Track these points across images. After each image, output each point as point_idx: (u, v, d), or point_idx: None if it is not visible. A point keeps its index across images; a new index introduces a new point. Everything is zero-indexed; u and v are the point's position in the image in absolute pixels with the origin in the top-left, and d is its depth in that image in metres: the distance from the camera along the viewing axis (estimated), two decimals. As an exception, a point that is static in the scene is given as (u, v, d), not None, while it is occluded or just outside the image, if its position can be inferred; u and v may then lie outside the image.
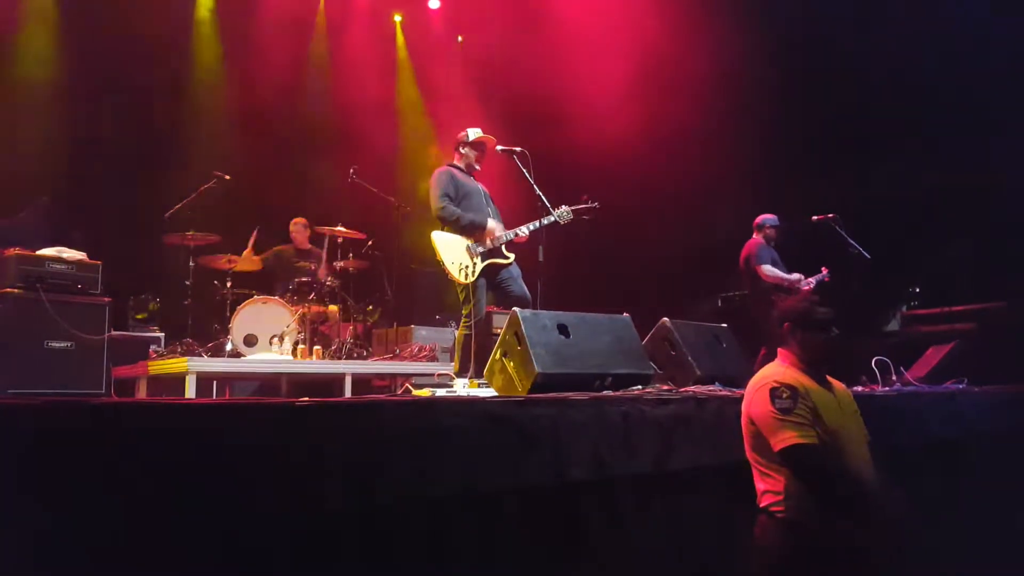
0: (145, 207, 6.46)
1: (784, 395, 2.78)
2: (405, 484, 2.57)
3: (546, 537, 2.88)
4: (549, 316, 3.68)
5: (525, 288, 4.95)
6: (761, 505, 2.86)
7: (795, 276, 6.65)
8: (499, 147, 5.07)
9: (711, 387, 3.76)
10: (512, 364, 3.58)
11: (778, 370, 2.95)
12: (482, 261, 4.86)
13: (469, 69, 9.72)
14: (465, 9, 9.51)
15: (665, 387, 3.70)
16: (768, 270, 6.61)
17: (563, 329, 3.62)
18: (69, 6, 7.32)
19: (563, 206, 4.97)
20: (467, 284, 4.81)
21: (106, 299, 5.00)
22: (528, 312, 3.65)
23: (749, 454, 2.93)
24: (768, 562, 2.80)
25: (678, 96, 7.86)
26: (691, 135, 7.84)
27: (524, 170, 4.90)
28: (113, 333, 5.14)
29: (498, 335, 3.83)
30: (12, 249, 4.78)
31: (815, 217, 6.63)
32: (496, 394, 3.60)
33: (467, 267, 4.80)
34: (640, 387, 3.61)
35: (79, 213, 6.31)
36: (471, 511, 2.72)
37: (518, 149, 4.98)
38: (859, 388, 4.33)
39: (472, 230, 4.89)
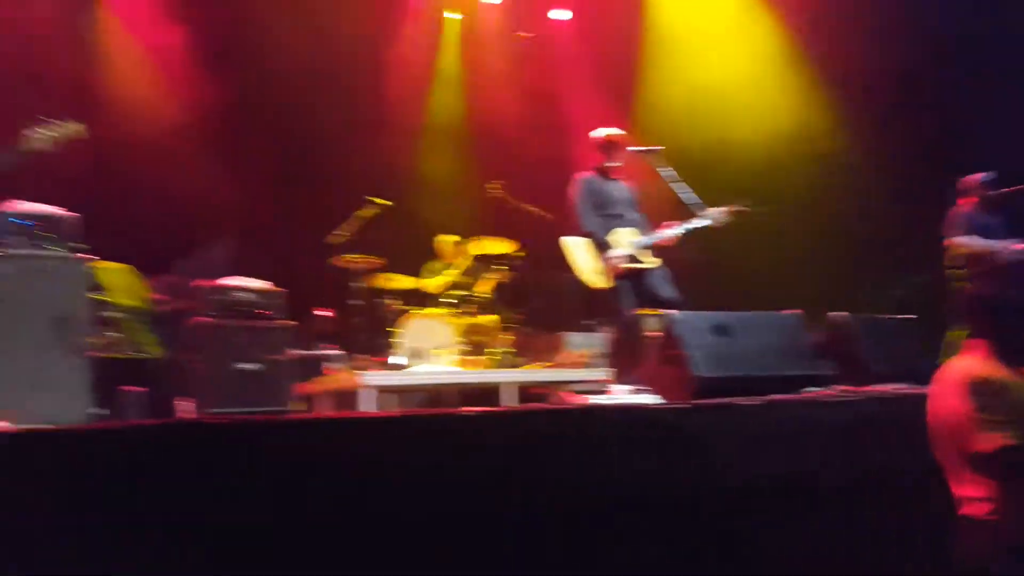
0: (314, 233, 6.93)
1: (983, 391, 2.52)
2: (567, 490, 2.59)
3: (718, 548, 2.79)
4: (707, 317, 3.58)
5: (673, 290, 4.72)
6: (962, 513, 2.61)
7: (997, 243, 5.29)
8: (632, 148, 4.94)
9: (894, 386, 3.49)
10: (669, 369, 3.51)
11: (973, 363, 2.68)
12: (618, 264, 4.74)
13: (604, 73, 9.64)
14: (596, 18, 9.45)
15: (842, 388, 3.48)
16: (963, 240, 5.35)
17: (723, 330, 3.51)
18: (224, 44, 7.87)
19: (714, 208, 4.72)
20: (603, 289, 4.72)
21: (289, 322, 5.40)
22: (683, 314, 3.57)
23: (945, 458, 2.67)
24: (970, 572, 2.55)
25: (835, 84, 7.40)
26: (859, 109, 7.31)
27: (660, 171, 4.75)
28: (294, 353, 5.54)
29: (651, 338, 3.77)
30: (204, 280, 5.28)
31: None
32: (656, 401, 3.54)
33: (601, 271, 4.72)
34: (815, 389, 3.41)
35: (260, 243, 6.88)
36: (633, 519, 2.68)
37: (653, 148, 4.85)
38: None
39: (602, 242, 4.79)
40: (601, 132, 5.09)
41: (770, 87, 7.82)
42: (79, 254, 4.02)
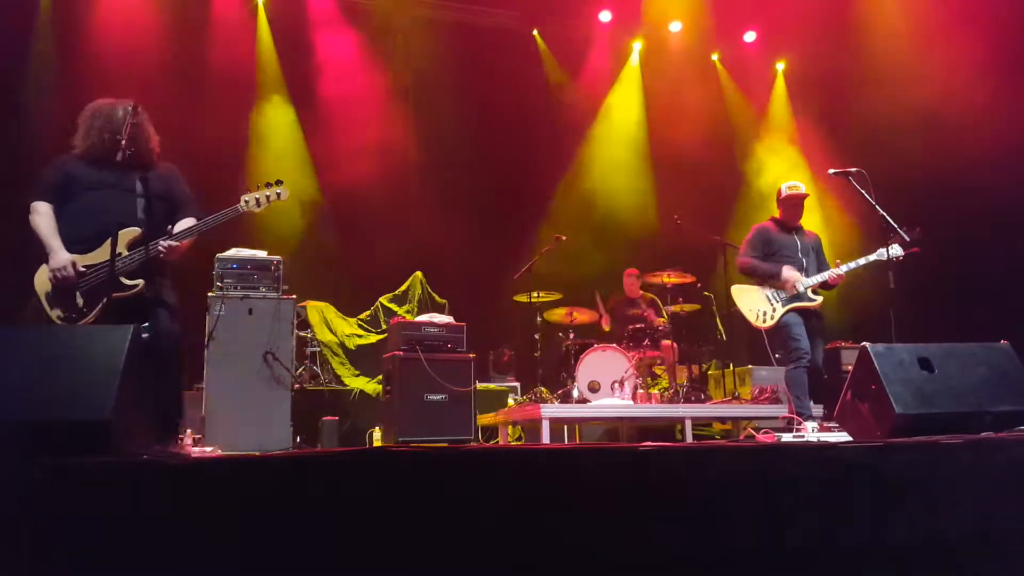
0: (497, 271, 7.21)
1: None
2: (749, 535, 2.48)
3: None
4: (907, 349, 3.30)
5: (819, 347, 5.01)
6: None
7: None
8: (831, 171, 4.91)
9: None
10: (866, 406, 3.27)
11: None
12: (783, 305, 4.97)
13: (794, 95, 9.26)
14: (783, 35, 9.12)
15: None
16: None
17: (925, 363, 3.21)
18: (418, 87, 8.42)
19: (894, 245, 4.68)
20: (770, 327, 5.00)
21: (471, 356, 5.65)
22: (881, 347, 3.33)
23: None
24: None
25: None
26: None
27: (863, 192, 4.62)
28: (477, 385, 5.78)
29: (847, 373, 3.55)
30: (396, 319, 5.68)
31: None
32: (850, 439, 3.31)
33: (764, 312, 5.01)
34: (1033, 427, 3.04)
35: (446, 280, 7.27)
36: (825, 570, 2.51)
37: (853, 170, 4.71)
38: None
39: (769, 279, 5.06)
40: (785, 186, 5.34)
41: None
42: (285, 294, 4.50)
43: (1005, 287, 6.73)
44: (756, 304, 5.06)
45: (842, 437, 3.55)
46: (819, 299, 5.00)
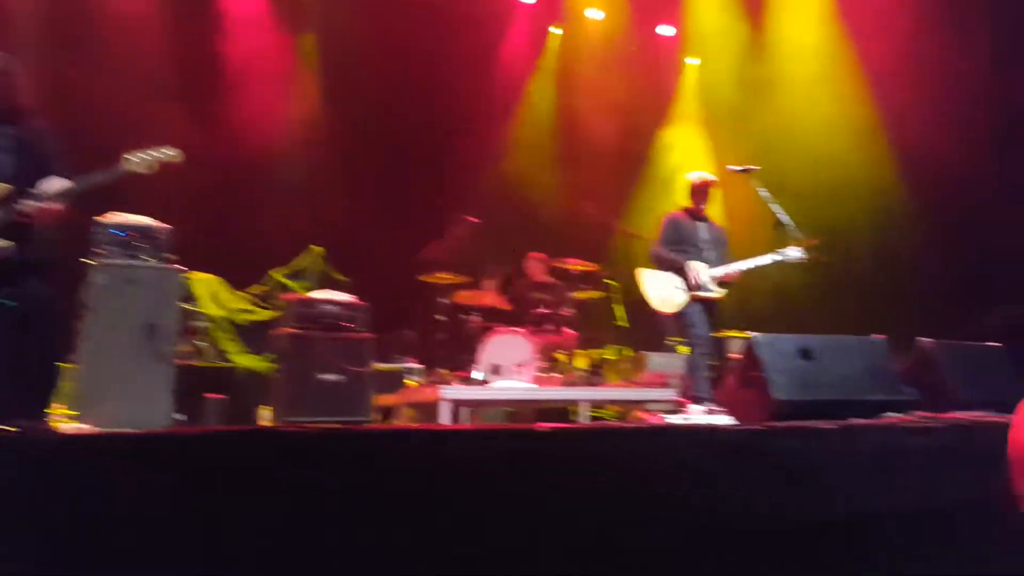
0: (401, 250, 7.08)
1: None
2: (637, 511, 2.55)
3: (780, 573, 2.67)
4: (789, 340, 3.48)
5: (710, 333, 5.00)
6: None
7: None
8: (730, 167, 5.04)
9: (979, 413, 3.29)
10: (750, 391, 3.41)
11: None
12: (685, 294, 5.01)
13: (705, 91, 9.53)
14: (695, 34, 9.39)
15: (925, 414, 3.31)
16: None
17: (806, 353, 3.40)
18: (328, 54, 8.13)
19: (795, 247, 4.78)
20: (669, 314, 5.04)
21: (371, 335, 5.54)
22: (766, 336, 3.48)
23: (1022, 487, 2.48)
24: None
25: (933, 101, 7.13)
26: (953, 129, 7.01)
27: (759, 190, 4.79)
28: (376, 365, 5.68)
29: (732, 360, 3.70)
30: (291, 295, 5.50)
31: None
32: (733, 422, 3.45)
33: (666, 299, 5.04)
34: (896, 414, 3.26)
35: (346, 258, 7.09)
36: (706, 544, 2.61)
37: (750, 167, 4.87)
38: None
39: (674, 270, 5.09)
40: (695, 175, 5.40)
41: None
42: (171, 264, 4.25)
43: (880, 282, 7.23)
44: (660, 291, 5.10)
45: (728, 421, 3.69)
46: (722, 291, 5.07)
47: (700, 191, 5.32)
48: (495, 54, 9.02)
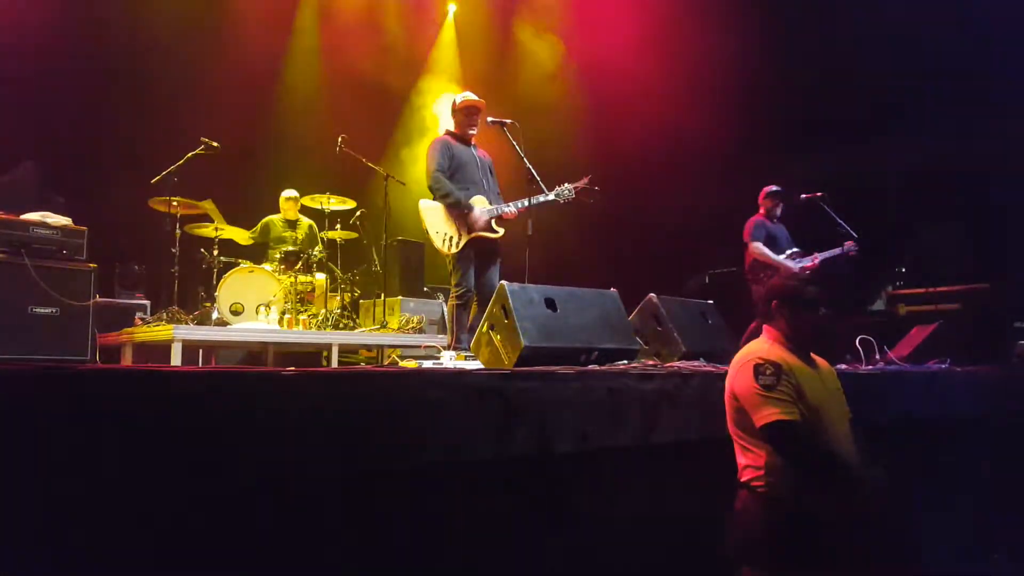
0: (132, 173, 6.35)
1: (768, 371, 2.80)
2: (389, 453, 2.58)
3: (530, 507, 2.91)
4: (537, 290, 3.68)
5: (496, 279, 4.89)
6: (742, 480, 2.90)
7: (783, 259, 6.39)
8: (490, 119, 5.04)
9: (696, 363, 3.78)
10: (499, 337, 3.58)
11: (763, 347, 2.97)
12: (468, 233, 4.87)
13: (461, 41, 9.63)
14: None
15: (651, 362, 3.73)
16: (757, 248, 6.43)
17: (550, 303, 3.62)
18: None
19: (564, 184, 4.94)
20: (450, 255, 4.85)
21: (91, 265, 4.96)
22: (515, 285, 3.65)
23: (732, 429, 2.96)
24: (748, 536, 2.84)
25: (672, 72, 7.85)
26: (684, 110, 7.82)
27: (515, 143, 4.87)
28: (99, 300, 5.11)
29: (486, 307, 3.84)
30: (-4, 212, 4.72)
31: (803, 196, 6.63)
32: (482, 366, 3.61)
33: (451, 238, 4.82)
34: (626, 362, 3.63)
35: (64, 177, 6.21)
36: (455, 481, 2.74)
37: (508, 121, 4.95)
38: (843, 366, 4.38)
39: (458, 208, 4.88)
40: (460, 96, 5.17)
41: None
42: None
43: (630, 239, 7.97)
44: (443, 227, 4.83)
45: (477, 365, 3.85)
46: (501, 231, 4.94)
47: (467, 111, 5.07)
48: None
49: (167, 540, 2.25)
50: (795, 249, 6.54)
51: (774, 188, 6.70)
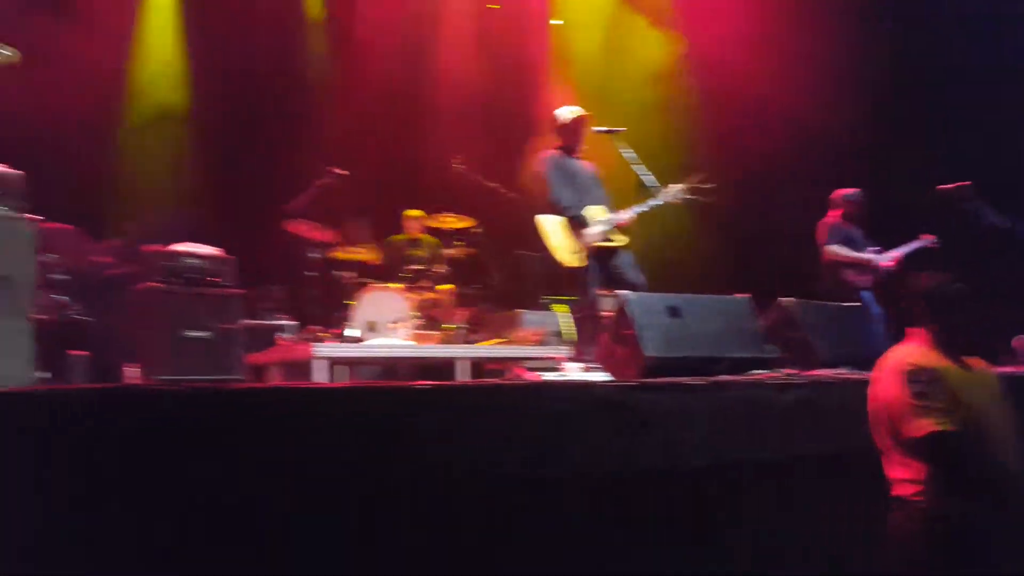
0: (270, 203, 6.79)
1: (920, 379, 2.61)
2: (519, 465, 2.62)
3: (663, 523, 2.86)
4: (658, 298, 3.63)
5: (640, 275, 4.83)
6: (895, 494, 2.72)
7: (866, 256, 6.27)
8: (596, 128, 5.00)
9: (838, 371, 3.59)
10: (622, 348, 3.55)
11: (913, 351, 2.77)
12: (588, 244, 4.80)
13: (565, 53, 9.63)
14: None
15: (788, 371, 3.57)
16: (834, 249, 6.29)
17: (674, 311, 3.55)
18: (189, 13, 7.72)
19: (672, 185, 4.85)
20: (573, 266, 4.79)
21: (239, 290, 5.30)
22: (636, 294, 3.62)
23: (881, 441, 2.77)
24: (906, 553, 2.66)
25: (793, 67, 7.53)
26: (806, 107, 7.47)
27: (624, 150, 4.83)
28: (246, 322, 5.45)
29: (605, 318, 3.82)
30: (152, 246, 5.15)
31: (944, 186, 6.17)
32: (608, 378, 3.59)
33: (572, 250, 4.78)
34: (760, 371, 3.50)
35: (212, 211, 6.73)
36: (584, 494, 2.73)
37: (616, 129, 4.92)
38: (1001, 368, 4.02)
39: (576, 220, 4.84)
40: (567, 111, 5.14)
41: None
42: (25, 214, 3.87)
43: (759, 240, 7.67)
44: (563, 239, 4.78)
45: (601, 377, 3.83)
46: (621, 239, 4.85)
47: (575, 126, 5.04)
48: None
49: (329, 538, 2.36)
50: (875, 247, 6.34)
51: (850, 191, 6.54)
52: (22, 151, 4.28)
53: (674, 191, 4.80)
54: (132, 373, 4.73)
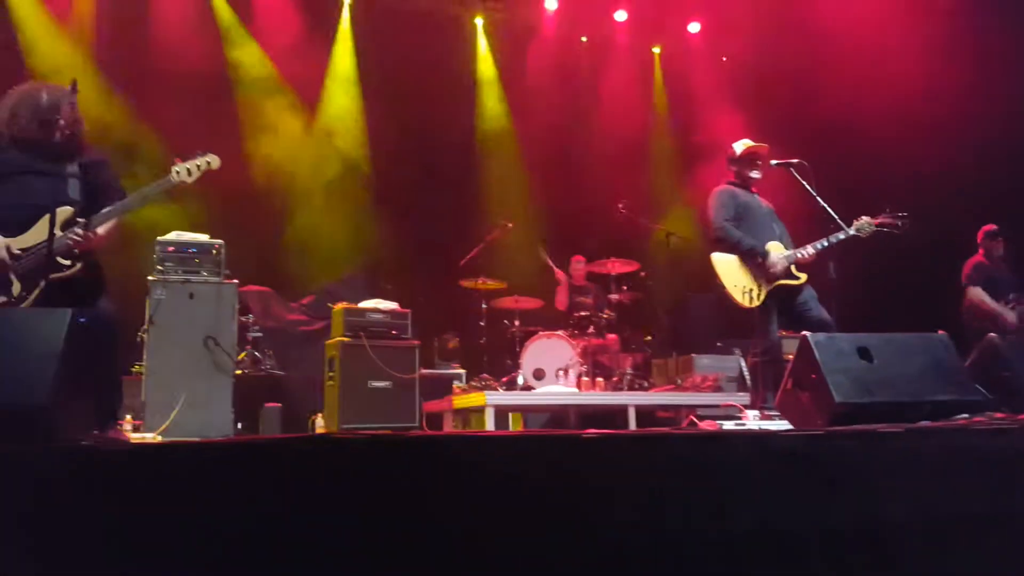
0: (443, 258, 7.15)
1: None
2: (693, 519, 2.51)
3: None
4: (847, 339, 3.35)
5: (824, 311, 4.55)
6: None
7: (1001, 307, 5.74)
8: (773, 161, 4.81)
9: (1058, 415, 3.17)
10: (807, 395, 3.33)
11: None
12: (768, 284, 4.58)
13: (738, 88, 9.40)
14: (726, 28, 9.26)
15: (998, 415, 3.19)
16: (976, 293, 5.84)
17: (865, 353, 3.27)
18: (367, 79, 8.37)
19: (863, 218, 4.57)
20: (752, 308, 4.58)
21: (416, 342, 5.59)
22: (821, 336, 3.36)
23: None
24: None
25: (970, 94, 6.88)
26: (997, 132, 6.77)
27: (804, 183, 4.61)
28: (422, 372, 5.72)
29: (788, 362, 3.61)
30: (340, 304, 5.57)
31: None
32: (790, 427, 3.38)
33: (751, 290, 4.55)
34: (967, 416, 3.15)
35: (389, 268, 7.18)
36: (766, 552, 2.56)
37: (794, 161, 4.71)
38: None
39: (753, 256, 4.64)
40: (741, 144, 4.98)
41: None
42: (227, 279, 4.36)
43: (937, 279, 6.98)
44: (741, 280, 4.58)
45: (783, 426, 3.61)
46: (803, 277, 4.63)
47: (751, 158, 4.86)
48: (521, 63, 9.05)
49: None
50: (1016, 294, 5.76)
51: (993, 228, 6.05)
52: (217, 219, 4.84)
53: (863, 223, 4.54)
54: (319, 422, 5.11)
